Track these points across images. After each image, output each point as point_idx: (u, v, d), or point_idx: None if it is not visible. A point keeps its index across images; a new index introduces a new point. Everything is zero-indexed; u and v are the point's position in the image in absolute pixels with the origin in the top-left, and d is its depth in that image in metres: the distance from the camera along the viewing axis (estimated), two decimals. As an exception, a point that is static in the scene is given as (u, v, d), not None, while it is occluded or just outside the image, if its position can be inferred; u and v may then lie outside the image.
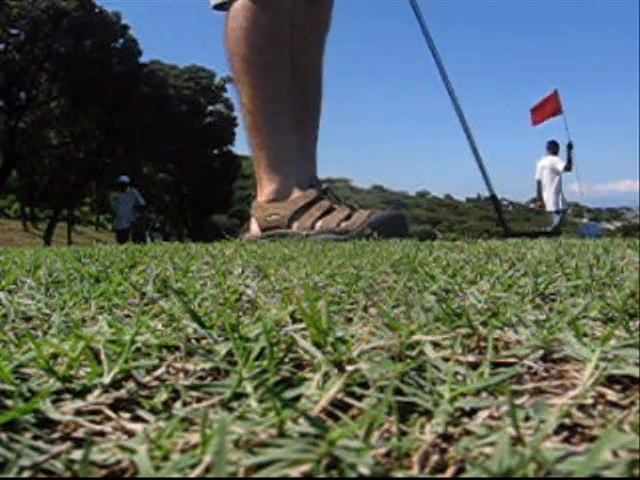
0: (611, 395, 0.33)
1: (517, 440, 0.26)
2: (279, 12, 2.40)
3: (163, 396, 0.34)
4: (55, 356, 0.41)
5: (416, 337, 0.42)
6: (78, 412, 0.32)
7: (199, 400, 0.34)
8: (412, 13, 3.31)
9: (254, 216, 2.51)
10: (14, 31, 20.31)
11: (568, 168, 7.63)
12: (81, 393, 0.35)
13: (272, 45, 2.40)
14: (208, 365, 0.39)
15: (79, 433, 0.30)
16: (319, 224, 2.34)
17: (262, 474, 0.24)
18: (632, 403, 0.32)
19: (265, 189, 2.46)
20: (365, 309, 0.56)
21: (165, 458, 0.26)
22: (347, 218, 2.32)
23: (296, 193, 2.40)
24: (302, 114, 2.57)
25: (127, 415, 0.32)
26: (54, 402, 0.33)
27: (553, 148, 7.87)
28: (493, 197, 3.41)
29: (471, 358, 0.39)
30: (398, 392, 0.32)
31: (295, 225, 2.37)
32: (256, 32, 2.38)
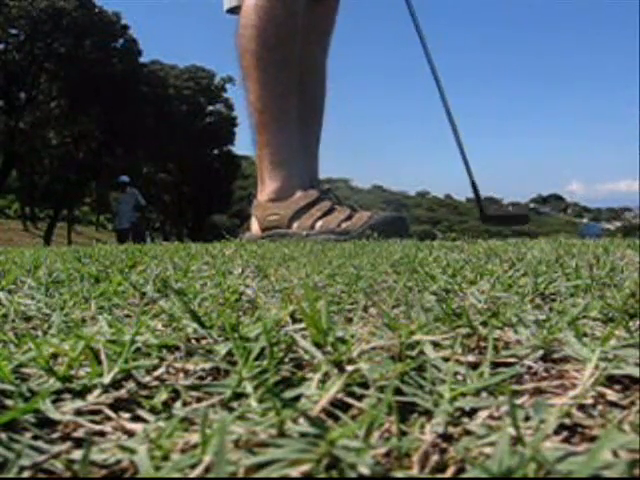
0: (611, 395, 0.33)
1: (517, 440, 0.26)
2: (292, 11, 2.41)
3: (163, 396, 0.34)
4: (55, 356, 0.41)
5: (416, 337, 0.42)
6: (78, 412, 0.32)
7: (199, 400, 0.34)
8: (406, 10, 3.30)
9: (254, 215, 2.50)
10: (14, 31, 20.32)
11: None
12: (81, 393, 0.35)
13: (284, 44, 2.40)
14: (208, 365, 0.39)
15: (79, 433, 0.30)
16: (319, 224, 2.34)
17: (262, 474, 0.24)
18: (632, 403, 0.32)
19: (267, 188, 2.45)
20: (365, 309, 0.56)
21: (165, 458, 0.26)
22: (348, 219, 2.32)
23: (297, 193, 2.40)
24: (305, 114, 2.56)
25: (127, 415, 0.32)
26: (54, 402, 0.33)
27: None
28: (474, 184, 3.36)
29: (471, 358, 0.39)
30: (398, 392, 0.32)
31: (295, 225, 2.37)
32: (269, 30, 2.39)
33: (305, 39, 2.51)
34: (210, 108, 27.33)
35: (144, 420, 0.31)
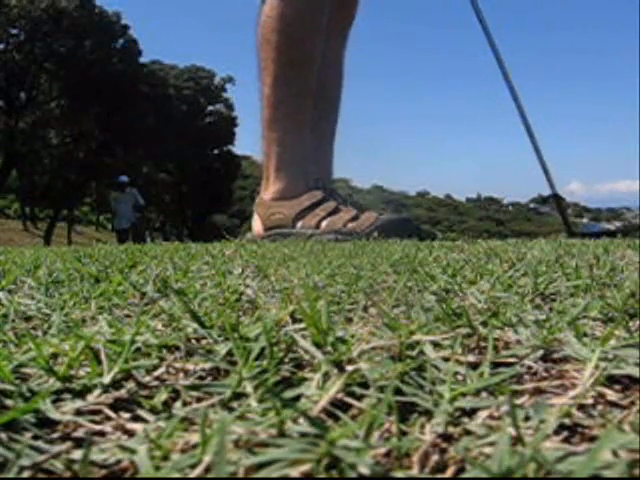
0: (611, 395, 0.33)
1: (517, 440, 0.26)
2: (320, 6, 2.33)
3: (163, 396, 0.34)
4: (55, 356, 0.41)
5: (416, 337, 0.42)
6: (78, 412, 0.32)
7: (199, 400, 0.34)
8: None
9: (257, 213, 2.48)
10: (14, 31, 20.32)
11: None
12: (81, 393, 0.35)
13: (308, 40, 2.33)
14: (208, 365, 0.39)
15: (79, 433, 0.30)
16: (324, 224, 2.32)
17: (262, 474, 0.24)
18: (632, 403, 0.32)
19: (272, 186, 2.41)
20: (365, 309, 0.56)
21: (165, 458, 0.26)
22: (354, 219, 2.30)
23: (302, 194, 2.37)
24: (321, 112, 2.48)
25: (127, 415, 0.32)
26: (54, 402, 0.33)
27: None
28: (556, 196, 3.28)
29: (471, 358, 0.39)
30: (398, 392, 0.32)
31: (299, 224, 2.35)
32: (295, 24, 2.31)
33: (326, 33, 2.44)
34: (210, 108, 27.34)
35: (144, 420, 0.31)
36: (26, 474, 0.25)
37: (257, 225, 2.47)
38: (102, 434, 0.30)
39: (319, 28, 2.36)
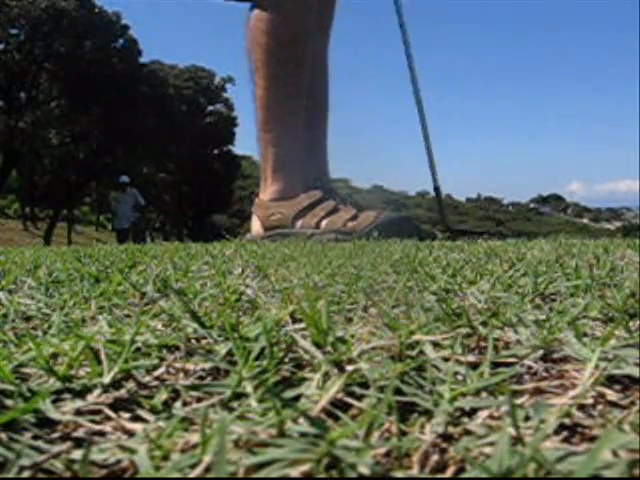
0: (611, 395, 0.33)
1: (517, 440, 0.26)
2: (308, 9, 2.35)
3: (163, 396, 0.34)
4: (55, 356, 0.41)
5: (416, 337, 0.42)
6: (78, 412, 0.32)
7: (199, 400, 0.34)
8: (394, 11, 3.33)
9: (256, 214, 2.48)
10: (14, 31, 20.31)
11: None
12: (81, 393, 0.35)
13: (298, 41, 2.34)
14: (208, 365, 0.39)
15: (79, 433, 0.30)
16: (324, 223, 2.32)
17: (262, 474, 0.24)
18: (632, 403, 0.32)
19: (270, 187, 2.42)
20: (365, 309, 0.56)
21: (165, 458, 0.26)
22: (354, 218, 2.30)
23: (300, 194, 2.38)
24: (313, 111, 2.50)
25: (127, 415, 0.32)
26: (54, 402, 0.33)
27: None
28: (437, 189, 3.37)
29: (471, 358, 0.39)
30: (398, 392, 0.32)
31: (299, 224, 2.35)
32: (284, 26, 2.32)
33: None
34: (210, 108, 27.31)
35: (144, 420, 0.31)
36: (26, 474, 0.25)
37: (256, 226, 2.48)
38: (102, 434, 0.30)
39: (308, 28, 2.37)
